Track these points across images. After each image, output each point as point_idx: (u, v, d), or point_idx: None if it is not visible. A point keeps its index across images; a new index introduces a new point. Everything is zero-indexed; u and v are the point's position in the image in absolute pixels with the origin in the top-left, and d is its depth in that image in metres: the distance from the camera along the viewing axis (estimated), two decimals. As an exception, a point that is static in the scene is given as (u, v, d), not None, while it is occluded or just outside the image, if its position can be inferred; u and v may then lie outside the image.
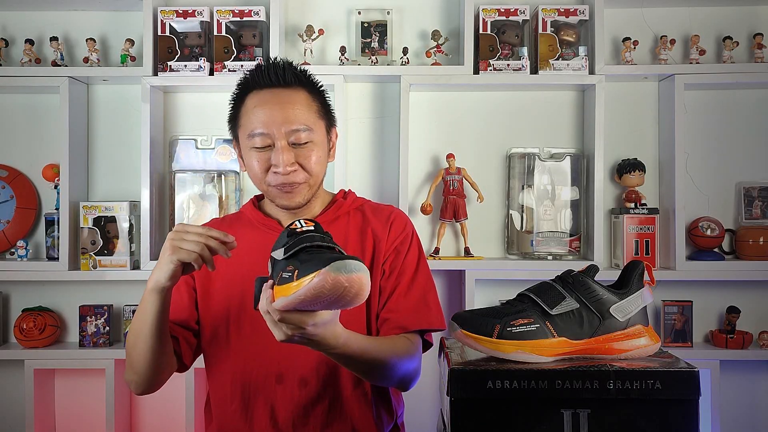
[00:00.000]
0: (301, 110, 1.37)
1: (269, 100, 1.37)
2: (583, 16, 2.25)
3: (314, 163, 1.38)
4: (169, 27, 2.25)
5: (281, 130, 1.34)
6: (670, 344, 2.25)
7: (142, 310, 1.26)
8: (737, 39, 2.31)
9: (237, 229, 1.43)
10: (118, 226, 2.24)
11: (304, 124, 1.36)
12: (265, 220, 1.45)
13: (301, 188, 1.38)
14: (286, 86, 1.38)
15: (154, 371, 1.32)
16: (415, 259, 1.45)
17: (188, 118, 2.37)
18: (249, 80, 1.40)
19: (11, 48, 2.37)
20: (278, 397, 1.36)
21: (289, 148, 1.35)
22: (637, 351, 1.07)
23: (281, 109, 1.36)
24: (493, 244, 2.37)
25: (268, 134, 1.35)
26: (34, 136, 2.38)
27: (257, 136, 1.35)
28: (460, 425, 0.99)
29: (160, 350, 1.29)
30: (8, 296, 2.37)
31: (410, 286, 1.42)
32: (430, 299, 1.43)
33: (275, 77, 1.37)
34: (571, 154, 2.31)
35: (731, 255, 2.35)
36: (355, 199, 1.51)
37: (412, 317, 1.39)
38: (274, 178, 1.37)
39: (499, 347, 1.02)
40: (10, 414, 2.35)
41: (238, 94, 1.42)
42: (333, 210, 1.46)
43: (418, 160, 2.35)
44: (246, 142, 1.38)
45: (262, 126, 1.35)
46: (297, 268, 1.00)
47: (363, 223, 1.45)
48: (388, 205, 1.54)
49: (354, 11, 2.35)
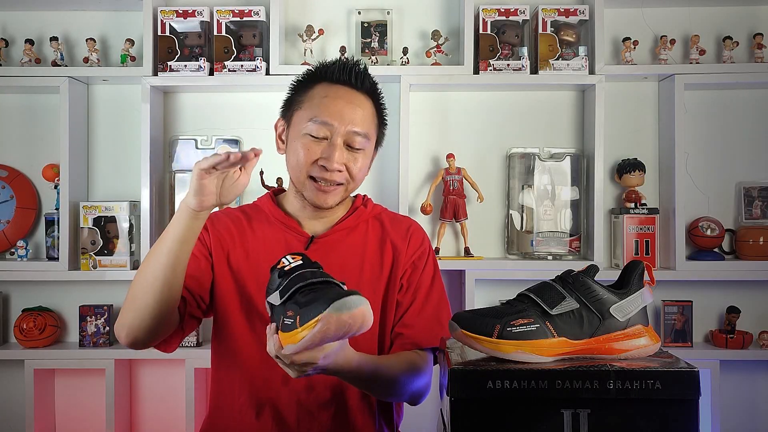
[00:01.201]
0: (366, 117, 1.39)
1: (342, 96, 1.37)
2: (583, 16, 2.25)
3: (358, 170, 1.38)
4: (169, 27, 2.25)
5: (344, 127, 1.34)
6: (670, 344, 2.25)
7: (165, 234, 1.21)
8: (737, 39, 2.31)
9: (253, 221, 1.43)
10: (118, 226, 2.24)
11: (366, 130, 1.37)
12: (284, 218, 1.42)
13: (338, 190, 1.37)
14: (360, 90, 1.39)
15: (156, 314, 1.22)
16: (431, 275, 1.45)
17: (188, 118, 2.37)
18: (325, 70, 1.39)
19: (11, 48, 2.37)
20: (283, 399, 1.36)
21: (343, 148, 1.35)
22: (637, 351, 1.06)
23: (351, 109, 1.36)
24: (493, 244, 2.37)
25: (331, 126, 1.34)
26: (34, 136, 2.38)
27: (319, 124, 1.34)
28: (460, 425, 0.99)
29: (170, 288, 1.21)
30: (8, 296, 2.37)
31: (425, 302, 1.42)
32: (443, 317, 1.43)
33: (355, 79, 1.38)
34: (571, 154, 2.31)
35: (731, 255, 2.35)
36: (373, 206, 1.50)
37: (426, 335, 1.40)
38: (319, 171, 1.35)
39: (499, 347, 1.02)
40: (10, 414, 2.35)
41: (306, 79, 1.41)
42: (354, 217, 1.44)
43: (418, 160, 2.35)
44: (302, 126, 1.36)
45: (328, 116, 1.34)
46: (297, 314, 1.02)
47: (382, 233, 1.45)
48: (405, 217, 1.54)
49: (354, 11, 2.35)
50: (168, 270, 1.20)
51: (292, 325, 1.02)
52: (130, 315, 1.24)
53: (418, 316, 1.41)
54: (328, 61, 1.42)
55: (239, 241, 1.40)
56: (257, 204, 1.49)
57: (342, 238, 1.41)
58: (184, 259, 1.22)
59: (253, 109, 2.35)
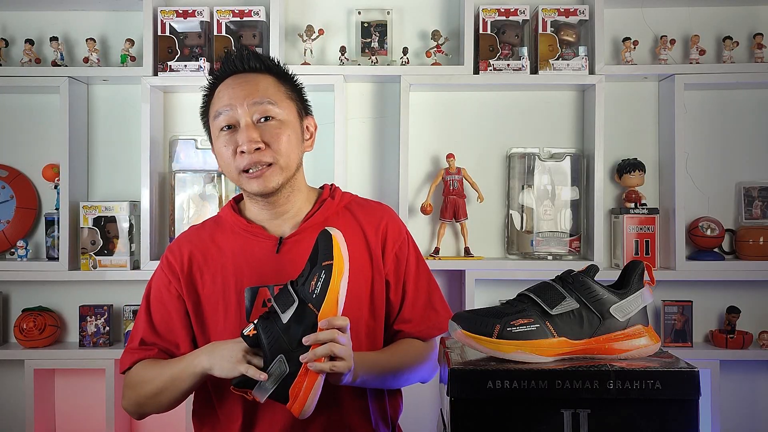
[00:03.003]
0: (267, 88, 1.35)
1: (234, 83, 1.35)
2: (583, 16, 2.25)
3: (283, 143, 1.32)
4: (169, 27, 2.25)
5: (244, 104, 1.32)
6: (670, 344, 2.25)
7: (173, 378, 1.30)
8: (737, 39, 2.31)
9: (219, 237, 1.40)
10: (118, 226, 2.24)
11: (268, 97, 1.33)
12: (248, 226, 1.38)
13: (272, 171, 1.32)
14: (253, 71, 1.37)
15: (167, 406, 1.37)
16: (414, 262, 1.44)
17: (188, 118, 2.37)
18: (218, 72, 1.39)
19: (11, 48, 2.37)
20: (277, 407, 1.33)
21: (254, 126, 1.31)
22: (637, 351, 1.07)
23: (244, 86, 1.34)
24: (493, 244, 2.37)
25: (232, 108, 1.32)
26: (34, 136, 2.38)
27: (221, 115, 1.33)
28: (460, 425, 0.99)
29: (176, 403, 1.35)
30: (8, 296, 2.37)
31: (416, 293, 1.42)
32: (436, 301, 1.44)
33: (240, 63, 1.36)
34: (571, 154, 2.31)
35: (731, 255, 2.35)
36: (342, 196, 1.45)
37: (424, 327, 1.41)
38: (241, 160, 1.31)
39: (499, 347, 1.02)
40: (10, 414, 2.35)
41: (207, 92, 1.41)
42: (321, 212, 1.40)
43: (418, 160, 2.35)
44: (214, 128, 1.36)
45: (227, 102, 1.33)
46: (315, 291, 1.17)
47: (355, 224, 1.40)
48: (377, 204, 1.49)
49: (354, 11, 2.35)
50: (174, 401, 1.35)
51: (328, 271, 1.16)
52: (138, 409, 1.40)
53: (412, 308, 1.41)
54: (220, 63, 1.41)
55: (205, 268, 1.38)
56: (220, 215, 1.46)
57: (312, 236, 1.30)
58: (188, 386, 1.31)
59: (253, 109, 2.35)
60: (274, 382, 1.14)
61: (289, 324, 1.15)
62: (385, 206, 1.49)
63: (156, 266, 1.45)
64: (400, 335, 1.42)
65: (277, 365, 1.14)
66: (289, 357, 1.14)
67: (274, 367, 1.14)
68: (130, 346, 1.41)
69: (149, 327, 1.39)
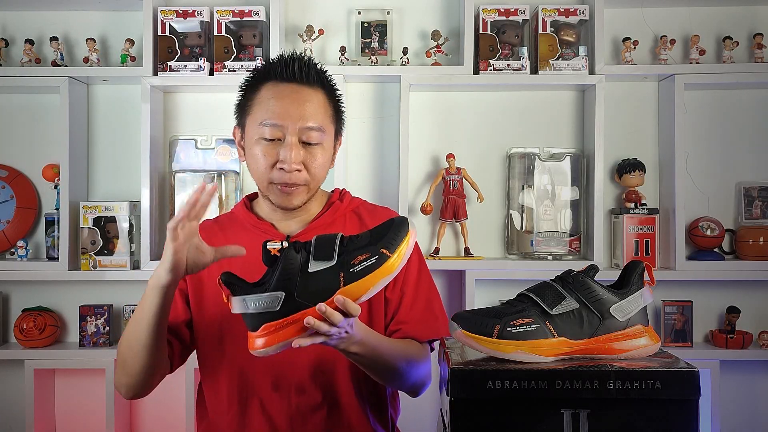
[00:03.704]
0: (318, 110, 1.35)
1: (288, 95, 1.33)
2: (583, 16, 2.25)
3: (318, 166, 1.35)
4: (169, 27, 2.25)
5: (295, 125, 1.31)
6: (670, 344, 2.25)
7: (141, 309, 1.24)
8: (737, 39, 2.31)
9: (231, 231, 1.42)
10: (118, 226, 2.24)
11: (319, 124, 1.34)
12: (258, 222, 1.41)
13: (300, 190, 1.35)
14: (307, 84, 1.35)
15: (149, 373, 1.30)
16: (416, 267, 1.44)
17: (188, 118, 2.37)
18: (268, 69, 1.36)
19: (11, 48, 2.37)
20: (275, 404, 1.34)
21: (299, 146, 1.33)
22: (637, 351, 1.06)
23: (299, 105, 1.33)
24: (493, 244, 2.37)
25: (282, 127, 1.31)
26: (34, 136, 2.38)
27: (269, 127, 1.32)
28: (460, 425, 0.99)
29: (156, 352, 1.27)
30: (8, 296, 2.37)
31: (415, 295, 1.42)
32: (436, 307, 1.44)
33: (299, 73, 1.34)
34: (571, 154, 2.31)
35: (731, 255, 2.35)
36: (351, 200, 1.47)
37: (421, 328, 1.40)
38: (278, 175, 1.32)
39: (499, 347, 1.02)
40: (10, 414, 2.35)
41: (252, 82, 1.39)
42: (329, 214, 1.42)
43: (418, 160, 2.35)
44: (254, 131, 1.34)
45: (277, 117, 1.31)
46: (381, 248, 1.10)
47: (360, 227, 1.42)
48: (384, 208, 1.51)
49: (354, 11, 2.35)
50: (151, 340, 1.24)
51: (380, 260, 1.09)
52: (125, 377, 1.31)
53: (410, 310, 1.40)
54: (272, 59, 1.39)
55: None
56: (233, 212, 1.48)
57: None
58: (163, 325, 1.26)
59: (253, 109, 2.35)
60: (257, 307, 1.08)
61: (312, 275, 1.08)
62: (392, 211, 1.51)
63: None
64: (396, 336, 1.41)
65: (272, 298, 1.07)
66: (287, 298, 1.07)
67: (268, 297, 1.07)
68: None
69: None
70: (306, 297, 1.07)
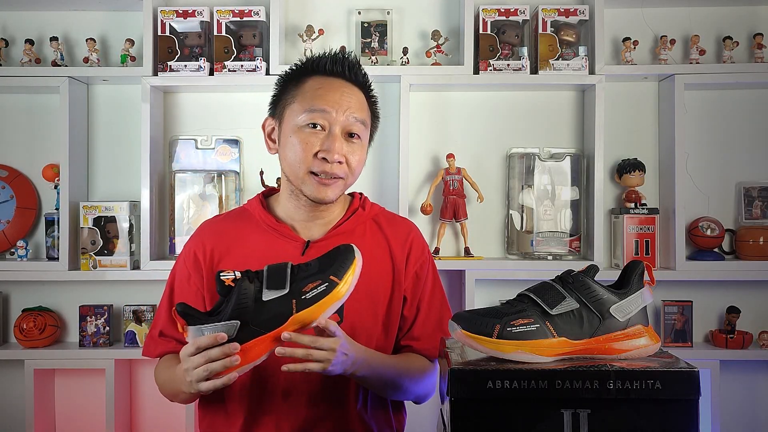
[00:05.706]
0: (363, 105, 1.37)
1: (337, 87, 1.34)
2: (583, 16, 2.25)
3: (357, 162, 1.35)
4: (169, 27, 2.25)
5: (342, 115, 1.32)
6: (670, 344, 2.25)
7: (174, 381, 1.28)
8: (737, 39, 2.31)
9: (243, 230, 1.40)
10: (118, 226, 2.24)
11: (363, 117, 1.35)
12: (276, 224, 1.38)
13: (338, 184, 1.34)
14: (351, 83, 1.37)
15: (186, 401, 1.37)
16: (431, 283, 1.45)
17: (188, 118, 2.37)
18: (316, 64, 1.37)
19: (11, 48, 2.37)
20: (284, 414, 1.33)
21: (343, 139, 1.33)
22: (637, 351, 1.06)
23: (348, 97, 1.34)
24: (493, 244, 2.37)
25: (329, 113, 1.31)
26: (34, 136, 2.38)
27: (318, 112, 1.31)
28: (460, 425, 0.99)
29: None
30: (8, 296, 2.37)
31: (428, 313, 1.43)
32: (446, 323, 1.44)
33: (348, 71, 1.36)
34: (571, 154, 2.31)
35: (731, 255, 2.35)
36: (371, 207, 1.46)
37: (431, 345, 1.41)
38: (320, 165, 1.31)
39: (499, 347, 1.02)
40: (10, 414, 2.35)
41: (296, 74, 1.38)
42: (352, 221, 1.41)
43: (418, 160, 2.35)
44: (297, 120, 1.32)
45: (327, 104, 1.31)
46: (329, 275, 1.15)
47: (381, 237, 1.42)
48: (403, 219, 1.51)
49: (354, 11, 2.35)
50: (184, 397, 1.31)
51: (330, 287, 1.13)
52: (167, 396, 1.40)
53: (422, 326, 1.42)
54: (318, 55, 1.39)
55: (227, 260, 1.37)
56: (246, 208, 1.44)
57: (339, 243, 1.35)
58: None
59: (253, 109, 2.34)
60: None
61: (266, 303, 1.12)
62: (411, 222, 1.51)
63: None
64: (407, 350, 1.42)
65: (228, 327, 1.11)
66: (242, 327, 1.11)
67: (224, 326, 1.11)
68: (152, 333, 1.43)
69: (168, 318, 1.40)
70: (260, 324, 1.12)
